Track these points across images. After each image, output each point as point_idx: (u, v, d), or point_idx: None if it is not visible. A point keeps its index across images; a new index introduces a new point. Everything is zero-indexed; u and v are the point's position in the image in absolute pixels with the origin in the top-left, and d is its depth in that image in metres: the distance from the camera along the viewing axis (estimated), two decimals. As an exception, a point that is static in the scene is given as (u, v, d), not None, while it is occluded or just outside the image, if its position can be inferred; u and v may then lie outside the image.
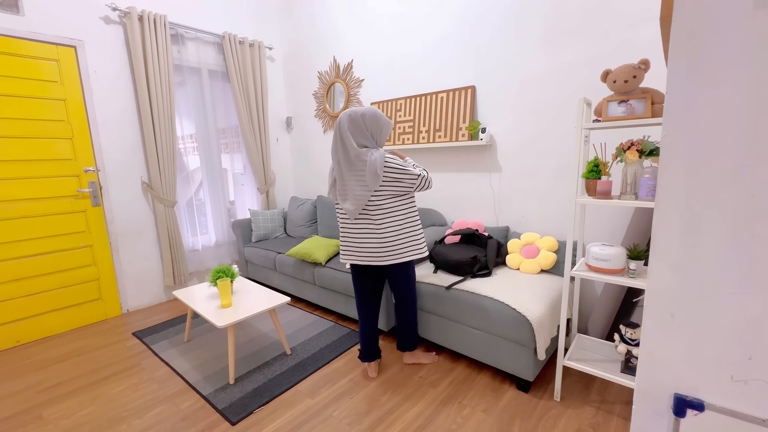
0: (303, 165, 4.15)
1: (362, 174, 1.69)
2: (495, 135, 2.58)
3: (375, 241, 1.79)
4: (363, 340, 2.05)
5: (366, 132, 1.73)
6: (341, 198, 1.78)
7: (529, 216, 2.52)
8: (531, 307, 1.82)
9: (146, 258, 3.13)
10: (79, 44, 2.67)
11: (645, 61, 1.47)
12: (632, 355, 1.65)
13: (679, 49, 0.58)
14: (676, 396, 0.64)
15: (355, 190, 1.71)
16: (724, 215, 0.57)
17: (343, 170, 1.73)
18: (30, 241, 2.56)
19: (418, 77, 2.94)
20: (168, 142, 3.05)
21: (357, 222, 1.81)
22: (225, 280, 2.16)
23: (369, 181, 1.67)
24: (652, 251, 0.64)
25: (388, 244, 1.79)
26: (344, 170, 1.73)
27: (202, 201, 3.56)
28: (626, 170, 1.54)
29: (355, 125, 1.71)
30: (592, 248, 1.64)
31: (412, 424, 1.70)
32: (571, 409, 1.76)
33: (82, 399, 1.96)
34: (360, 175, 1.70)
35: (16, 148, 2.47)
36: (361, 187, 1.70)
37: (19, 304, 2.56)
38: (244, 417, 1.78)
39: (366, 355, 2.06)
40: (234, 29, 3.51)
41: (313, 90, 3.83)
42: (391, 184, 1.73)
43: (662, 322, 0.64)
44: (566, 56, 2.20)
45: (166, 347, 2.44)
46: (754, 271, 0.56)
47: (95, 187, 2.80)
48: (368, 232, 1.79)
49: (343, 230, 1.89)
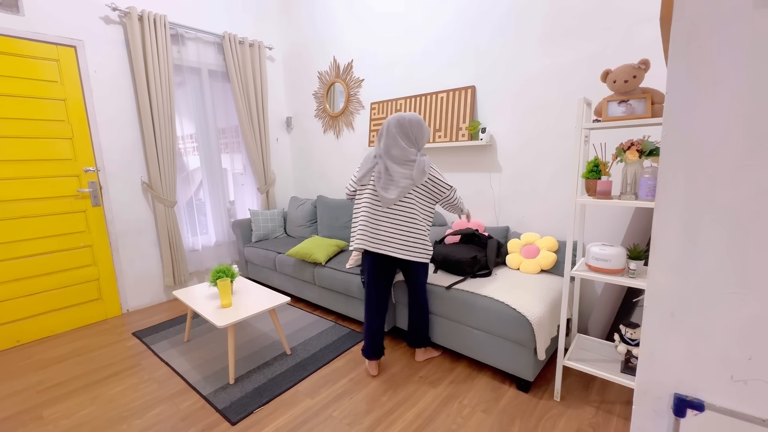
0: (303, 165, 4.15)
1: (410, 169, 1.86)
2: (495, 135, 2.58)
3: (400, 234, 1.89)
4: (369, 336, 2.05)
5: (411, 136, 1.89)
6: (383, 187, 1.87)
7: (529, 216, 2.52)
8: (531, 307, 1.82)
9: (146, 258, 3.13)
10: (79, 44, 2.67)
11: (645, 61, 1.47)
12: (632, 355, 1.65)
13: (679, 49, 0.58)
14: (676, 396, 0.64)
15: (400, 182, 1.86)
16: (724, 215, 0.57)
17: (389, 165, 1.87)
18: (30, 241, 2.56)
19: (418, 77, 2.94)
20: (168, 142, 3.05)
21: (388, 212, 1.89)
22: (225, 280, 2.16)
23: (416, 176, 1.84)
24: (652, 251, 0.64)
25: (410, 240, 1.89)
26: (389, 165, 1.87)
27: (202, 201, 3.56)
28: (626, 170, 1.54)
29: (402, 129, 1.88)
30: (592, 248, 1.64)
31: (412, 424, 1.70)
32: (571, 409, 1.76)
33: (82, 399, 1.96)
34: (408, 169, 1.86)
35: (16, 148, 2.47)
36: (405, 179, 1.85)
37: (19, 304, 2.56)
38: (244, 417, 1.78)
39: (372, 352, 2.06)
40: (234, 29, 3.51)
41: (313, 90, 3.83)
42: (427, 186, 1.90)
43: (662, 322, 0.64)
44: (566, 56, 2.20)
45: (166, 347, 2.44)
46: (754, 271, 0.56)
47: (95, 187, 2.80)
48: (395, 224, 1.89)
49: (367, 218, 1.92)
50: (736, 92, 0.55)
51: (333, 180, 3.83)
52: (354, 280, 2.49)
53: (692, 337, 0.62)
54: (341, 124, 3.62)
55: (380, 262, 1.98)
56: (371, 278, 2.01)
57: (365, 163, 1.97)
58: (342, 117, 3.58)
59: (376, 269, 1.99)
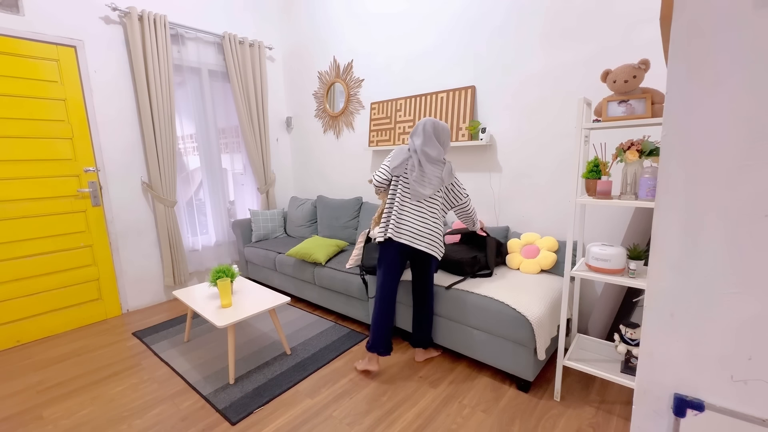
0: (303, 165, 4.15)
1: (440, 169, 1.98)
2: (495, 135, 2.58)
3: (426, 228, 1.98)
4: (384, 328, 2.02)
5: (441, 140, 2.01)
6: (417, 181, 1.95)
7: (529, 216, 2.52)
8: (531, 307, 1.82)
9: (146, 258, 3.13)
10: (79, 44, 2.67)
11: (645, 61, 1.47)
12: (632, 355, 1.65)
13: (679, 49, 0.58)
14: (676, 396, 0.64)
15: (432, 179, 1.96)
16: (724, 215, 0.57)
17: (424, 162, 1.96)
18: (30, 241, 2.56)
19: (418, 77, 2.94)
20: (168, 142, 3.05)
21: (417, 206, 1.98)
22: (225, 280, 2.16)
23: (445, 177, 1.98)
24: (652, 251, 0.64)
25: (433, 234, 1.98)
26: (423, 162, 1.96)
27: (202, 201, 3.56)
28: (626, 170, 1.54)
29: (437, 132, 1.99)
30: (592, 248, 1.64)
31: (412, 424, 1.70)
32: (571, 409, 1.76)
33: (82, 399, 1.96)
34: (438, 169, 1.97)
35: (16, 148, 2.47)
36: (436, 177, 1.97)
37: (19, 304, 2.56)
38: (244, 417, 1.78)
39: (384, 345, 2.02)
40: (234, 29, 3.51)
41: (313, 90, 3.83)
42: (449, 190, 2.05)
43: (662, 322, 0.64)
44: (566, 56, 2.20)
45: (166, 347, 2.44)
46: (754, 271, 0.56)
47: (95, 187, 2.80)
48: (423, 218, 1.98)
49: (399, 210, 1.99)
50: (736, 92, 0.55)
51: (333, 180, 3.83)
52: (354, 280, 2.49)
53: (692, 337, 0.62)
54: (341, 124, 3.62)
55: (401, 254, 2.01)
56: (389, 270, 2.03)
57: (398, 154, 2.01)
58: (342, 117, 3.58)
59: (395, 261, 2.02)
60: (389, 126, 3.12)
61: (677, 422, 0.64)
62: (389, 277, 2.03)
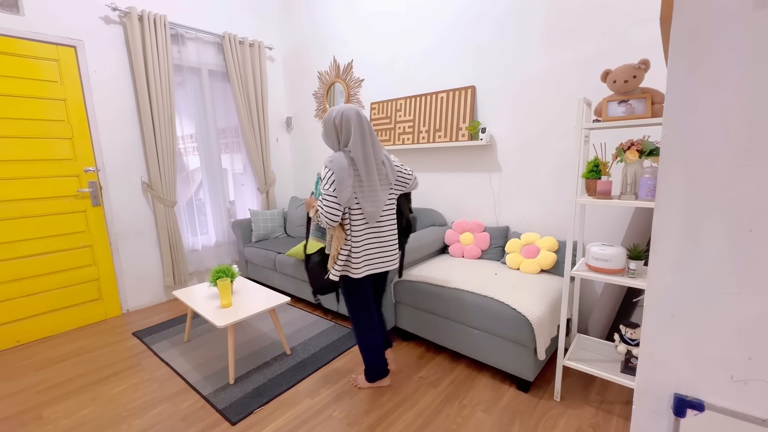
0: (303, 165, 4.15)
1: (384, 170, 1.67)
2: (495, 135, 2.58)
3: (389, 245, 1.77)
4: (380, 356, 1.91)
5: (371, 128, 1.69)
6: (371, 203, 1.61)
7: (529, 216, 2.52)
8: (531, 307, 1.82)
9: (146, 258, 3.13)
10: (79, 44, 2.67)
11: (645, 61, 1.47)
12: (632, 355, 1.65)
13: (679, 49, 0.58)
14: (676, 396, 0.64)
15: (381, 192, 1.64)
16: (724, 215, 0.57)
17: (370, 174, 1.61)
18: (30, 241, 2.56)
19: (418, 77, 2.94)
20: (168, 142, 3.05)
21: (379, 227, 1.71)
22: (225, 280, 2.16)
23: (391, 177, 1.68)
24: (652, 251, 0.64)
25: (395, 247, 1.80)
26: (372, 174, 1.61)
27: (202, 201, 3.56)
28: (626, 170, 1.54)
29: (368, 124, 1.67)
30: (592, 248, 1.64)
31: (412, 424, 1.70)
32: (571, 409, 1.76)
33: (82, 399, 1.96)
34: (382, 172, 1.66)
35: (16, 148, 2.47)
36: (385, 182, 1.68)
37: (19, 304, 2.56)
38: (244, 417, 1.78)
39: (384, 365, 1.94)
40: (234, 29, 3.51)
41: (313, 90, 3.83)
42: (397, 182, 1.78)
43: (662, 322, 0.64)
44: (566, 56, 2.20)
45: (166, 347, 2.44)
46: (754, 271, 0.56)
47: (95, 187, 2.80)
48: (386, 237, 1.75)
49: (362, 239, 1.67)
50: (736, 92, 0.55)
51: (333, 180, 3.83)
52: (354, 280, 2.49)
53: (692, 337, 0.62)
54: (341, 124, 3.61)
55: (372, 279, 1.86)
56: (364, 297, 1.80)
57: (342, 180, 1.56)
58: (342, 117, 3.58)
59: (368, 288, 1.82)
60: (389, 126, 3.12)
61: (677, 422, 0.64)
62: (364, 302, 1.81)
